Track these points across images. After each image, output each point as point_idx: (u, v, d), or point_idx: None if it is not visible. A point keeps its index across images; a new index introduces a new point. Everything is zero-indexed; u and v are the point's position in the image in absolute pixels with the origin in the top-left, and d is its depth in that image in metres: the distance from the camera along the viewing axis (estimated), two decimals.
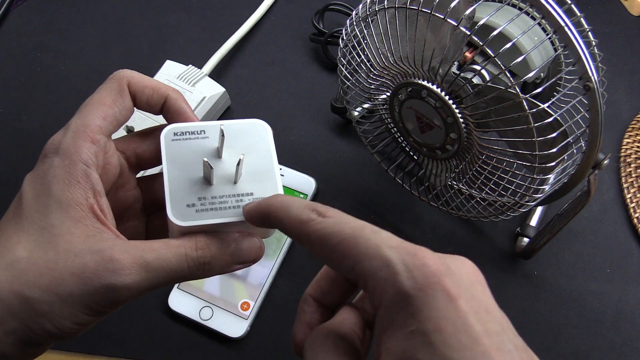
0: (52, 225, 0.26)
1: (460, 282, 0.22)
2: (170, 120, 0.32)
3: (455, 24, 0.36)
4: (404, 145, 0.50)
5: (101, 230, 0.27)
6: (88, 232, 0.26)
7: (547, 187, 0.41)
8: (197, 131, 0.31)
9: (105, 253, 0.26)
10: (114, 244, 0.26)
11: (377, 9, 0.41)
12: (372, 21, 0.42)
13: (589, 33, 0.39)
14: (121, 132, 0.54)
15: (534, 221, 0.51)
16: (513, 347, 0.21)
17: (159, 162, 0.31)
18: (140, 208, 0.33)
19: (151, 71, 0.58)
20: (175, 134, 0.30)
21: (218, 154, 0.30)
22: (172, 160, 0.30)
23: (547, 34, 0.40)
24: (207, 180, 0.29)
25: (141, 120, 0.53)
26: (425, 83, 0.40)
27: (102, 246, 0.26)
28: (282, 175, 0.53)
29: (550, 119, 0.36)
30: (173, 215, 0.28)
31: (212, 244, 0.28)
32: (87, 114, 0.28)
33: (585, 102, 0.37)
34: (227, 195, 0.29)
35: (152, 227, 0.34)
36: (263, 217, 0.28)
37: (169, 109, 0.31)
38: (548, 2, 0.35)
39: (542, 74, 0.44)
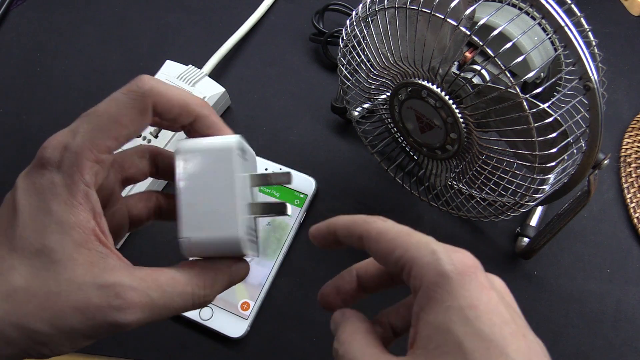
0: (51, 249, 0.24)
1: (493, 283, 0.25)
2: (193, 136, 0.29)
3: (455, 24, 0.36)
4: (404, 145, 0.50)
5: (105, 255, 0.25)
6: (92, 259, 0.25)
7: (547, 187, 0.41)
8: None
9: (111, 290, 0.25)
10: (121, 277, 0.25)
11: (377, 9, 0.41)
12: (372, 21, 0.42)
13: (589, 33, 0.39)
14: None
15: (534, 221, 0.51)
16: (536, 342, 0.24)
17: (144, 178, 0.31)
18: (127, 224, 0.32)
19: (151, 71, 0.58)
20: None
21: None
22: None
23: (547, 34, 0.40)
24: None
25: None
26: (425, 83, 0.40)
27: (107, 280, 0.25)
28: None
29: (550, 119, 0.36)
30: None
31: (217, 282, 0.28)
32: (99, 130, 0.26)
33: (585, 102, 0.37)
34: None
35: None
36: (330, 234, 0.30)
37: (198, 129, 0.29)
38: (548, 2, 0.35)
39: (542, 74, 0.44)
